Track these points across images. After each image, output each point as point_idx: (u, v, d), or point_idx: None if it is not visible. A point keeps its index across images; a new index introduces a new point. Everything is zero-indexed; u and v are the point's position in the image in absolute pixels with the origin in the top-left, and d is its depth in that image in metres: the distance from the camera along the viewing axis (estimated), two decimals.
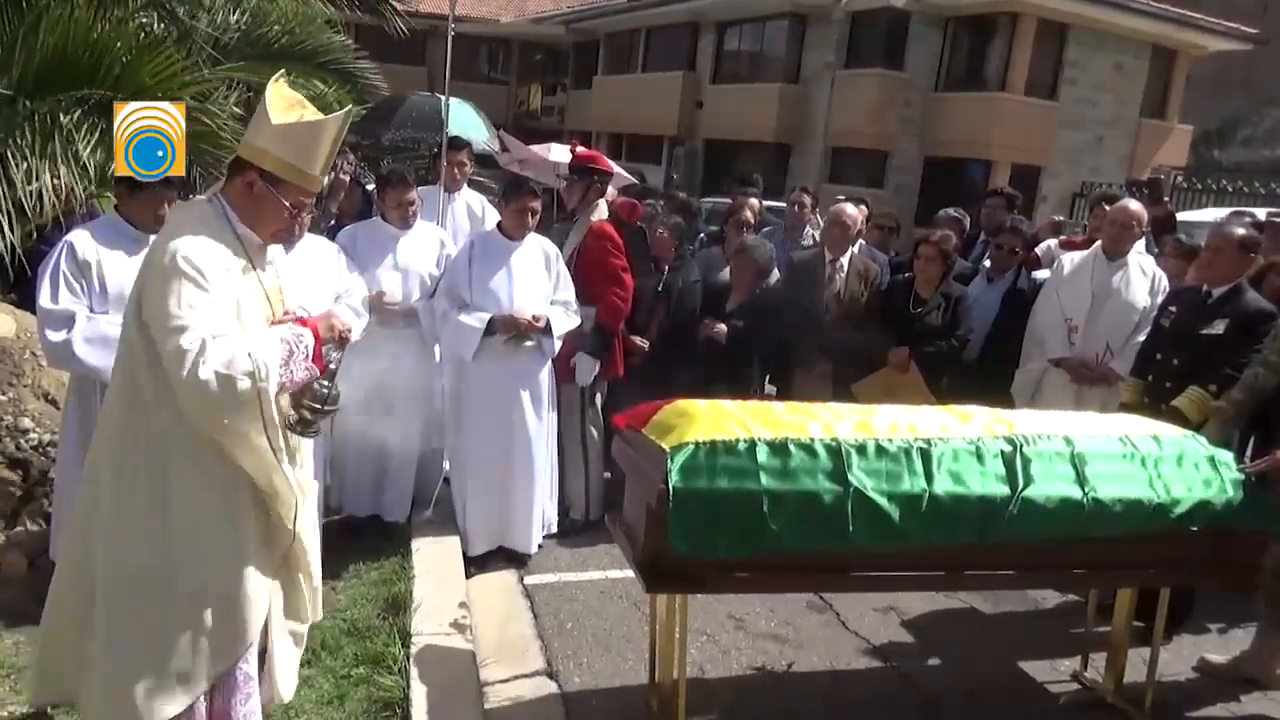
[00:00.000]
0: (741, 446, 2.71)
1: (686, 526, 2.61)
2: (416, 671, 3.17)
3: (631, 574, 2.88)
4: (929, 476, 2.78)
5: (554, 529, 4.49)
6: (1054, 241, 5.81)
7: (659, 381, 4.40)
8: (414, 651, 3.29)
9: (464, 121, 5.12)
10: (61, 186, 4.17)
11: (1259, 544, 3.17)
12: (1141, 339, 4.32)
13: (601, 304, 4.43)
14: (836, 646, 3.77)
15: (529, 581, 4.17)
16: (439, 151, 5.05)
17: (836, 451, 2.75)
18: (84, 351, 3.26)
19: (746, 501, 2.65)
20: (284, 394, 2.28)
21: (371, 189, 5.15)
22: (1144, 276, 4.61)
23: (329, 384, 2.37)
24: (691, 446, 2.68)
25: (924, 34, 18.75)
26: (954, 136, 18.38)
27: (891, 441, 2.82)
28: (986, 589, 3.97)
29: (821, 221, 5.91)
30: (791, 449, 2.74)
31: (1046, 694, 3.55)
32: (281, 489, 2.34)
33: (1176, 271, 4.82)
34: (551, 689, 3.35)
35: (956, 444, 2.87)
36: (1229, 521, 3.00)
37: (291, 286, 2.57)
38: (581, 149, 4.74)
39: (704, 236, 6.44)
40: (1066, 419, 3.24)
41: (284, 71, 2.44)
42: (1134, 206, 4.75)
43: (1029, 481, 2.82)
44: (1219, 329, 3.78)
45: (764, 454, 2.70)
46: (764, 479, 2.67)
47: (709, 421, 2.78)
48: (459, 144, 5.36)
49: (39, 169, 4.06)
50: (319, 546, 2.67)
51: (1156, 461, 3.00)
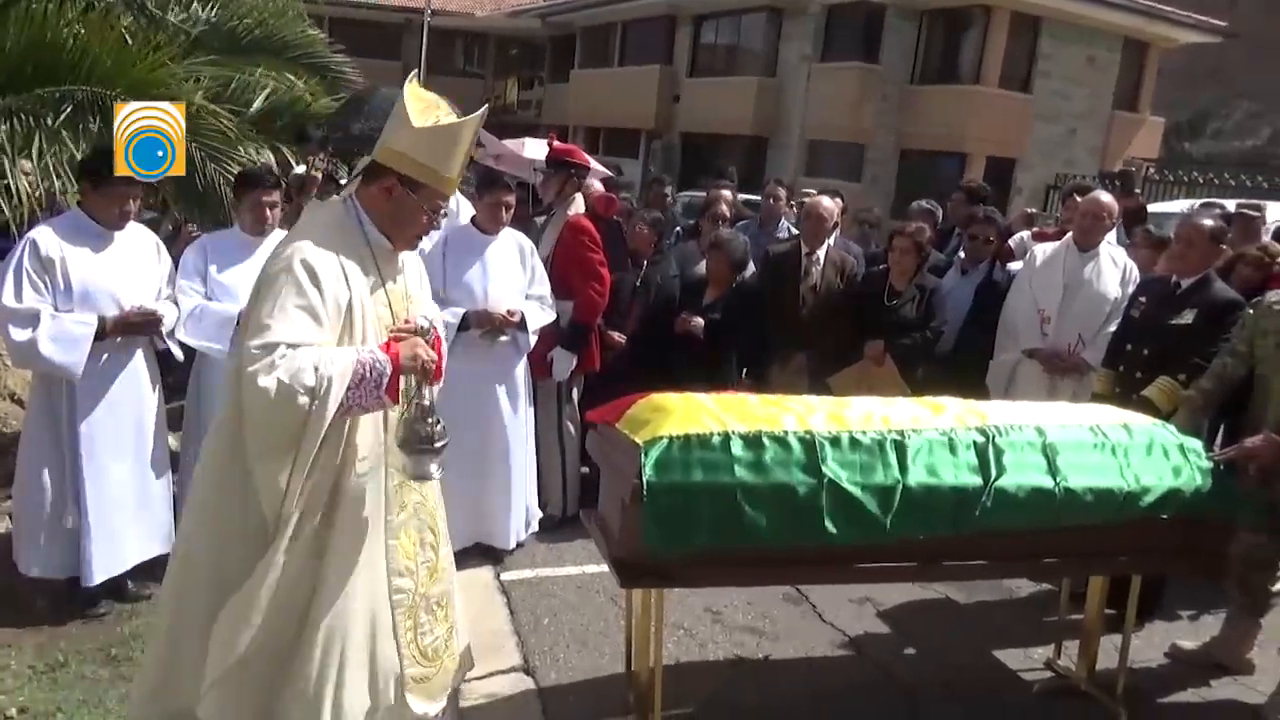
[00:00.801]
0: (715, 440, 2.71)
1: (661, 520, 2.60)
2: None
3: (608, 569, 2.88)
4: (902, 468, 2.79)
5: (536, 526, 4.47)
6: (1027, 233, 5.85)
7: (636, 376, 4.39)
8: None
9: None
10: (37, 182, 4.10)
11: (1227, 531, 3.21)
12: (1113, 329, 4.35)
13: (578, 299, 4.41)
14: (813, 638, 3.78)
15: (505, 578, 4.15)
16: None
17: (810, 444, 2.75)
18: (49, 350, 3.21)
19: (721, 495, 2.65)
20: (350, 416, 2.16)
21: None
22: (1115, 267, 4.64)
23: (430, 420, 2.23)
24: (665, 440, 2.67)
25: (899, 27, 18.83)
26: (929, 129, 18.48)
27: (865, 433, 2.83)
28: (960, 579, 3.99)
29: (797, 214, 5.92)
30: (765, 442, 2.73)
31: (1021, 682, 3.58)
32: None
33: (1147, 262, 4.85)
34: (528, 685, 3.34)
35: (929, 435, 2.88)
36: (1198, 509, 3.03)
37: (420, 296, 2.51)
38: (558, 143, 4.72)
39: (680, 230, 6.44)
40: (1038, 409, 3.26)
41: (416, 72, 2.39)
42: (1105, 198, 4.79)
43: (1001, 472, 2.83)
44: (1188, 319, 3.82)
45: (738, 447, 2.70)
46: (738, 472, 2.67)
47: (683, 415, 2.77)
48: None
49: (15, 164, 3.99)
50: None
51: (1127, 451, 3.01)
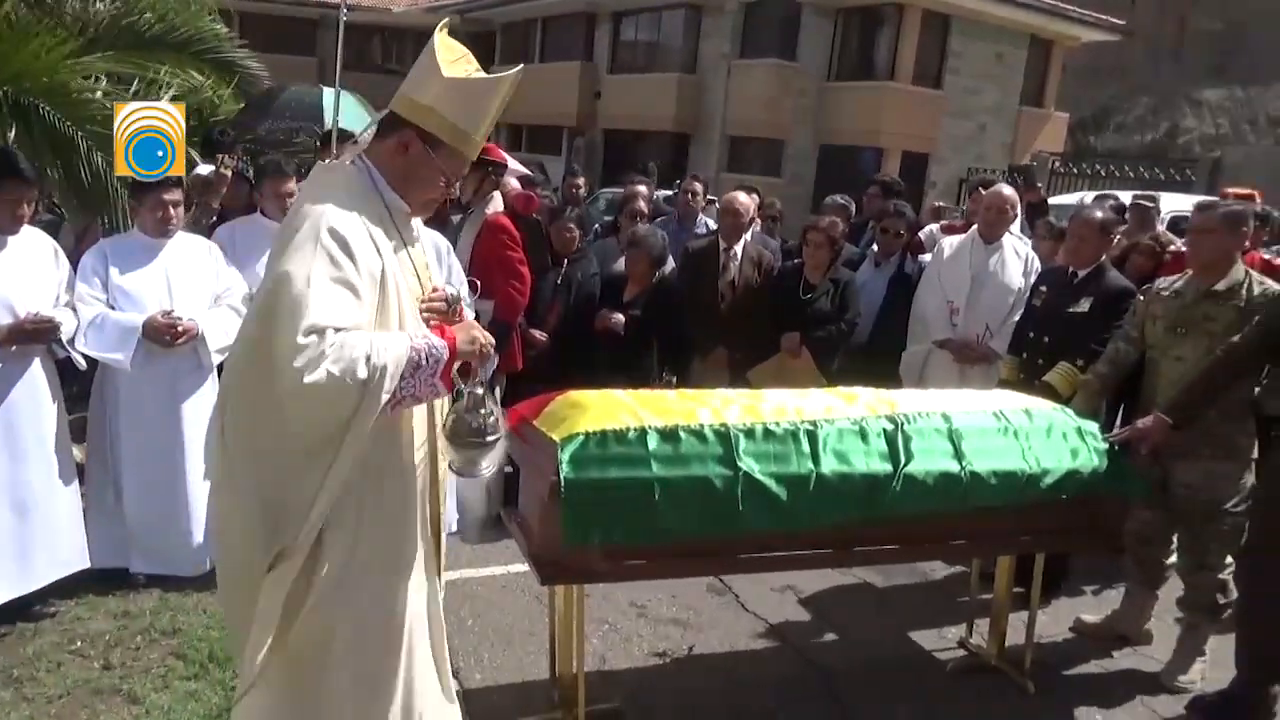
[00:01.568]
0: (632, 435, 2.73)
1: (579, 517, 2.61)
2: None
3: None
4: (815, 457, 2.84)
5: (454, 527, 4.43)
6: (935, 226, 6.03)
7: (558, 374, 4.39)
8: None
9: (346, 113, 4.98)
10: None
11: (1123, 509, 3.37)
12: (1017, 318, 4.52)
13: (499, 298, 4.39)
14: (736, 628, 3.84)
15: None
16: (321, 144, 4.93)
17: (725, 436, 2.79)
18: None
19: (639, 489, 2.67)
20: (399, 408, 1.95)
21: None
22: (1018, 258, 4.82)
23: (487, 411, 2.08)
24: (582, 437, 2.68)
25: (816, 25, 19.16)
26: (847, 125, 18.84)
27: (779, 424, 2.88)
28: (875, 563, 4.09)
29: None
30: (682, 435, 2.76)
31: (935, 662, 3.70)
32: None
33: (1050, 253, 5.05)
34: (453, 686, 3.32)
35: (841, 424, 2.94)
36: (1096, 489, 3.16)
37: (434, 263, 2.31)
38: None
39: (599, 227, 6.46)
40: (945, 397, 3.36)
41: (448, 20, 2.12)
42: (1007, 192, 4.96)
43: (910, 458, 2.91)
44: (1084, 307, 3.98)
45: (654, 441, 2.72)
46: (655, 466, 2.69)
47: (599, 411, 2.79)
48: (345, 136, 5.23)
49: None
50: None
51: (1028, 435, 3.13)
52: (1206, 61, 35.50)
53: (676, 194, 6.61)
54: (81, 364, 3.56)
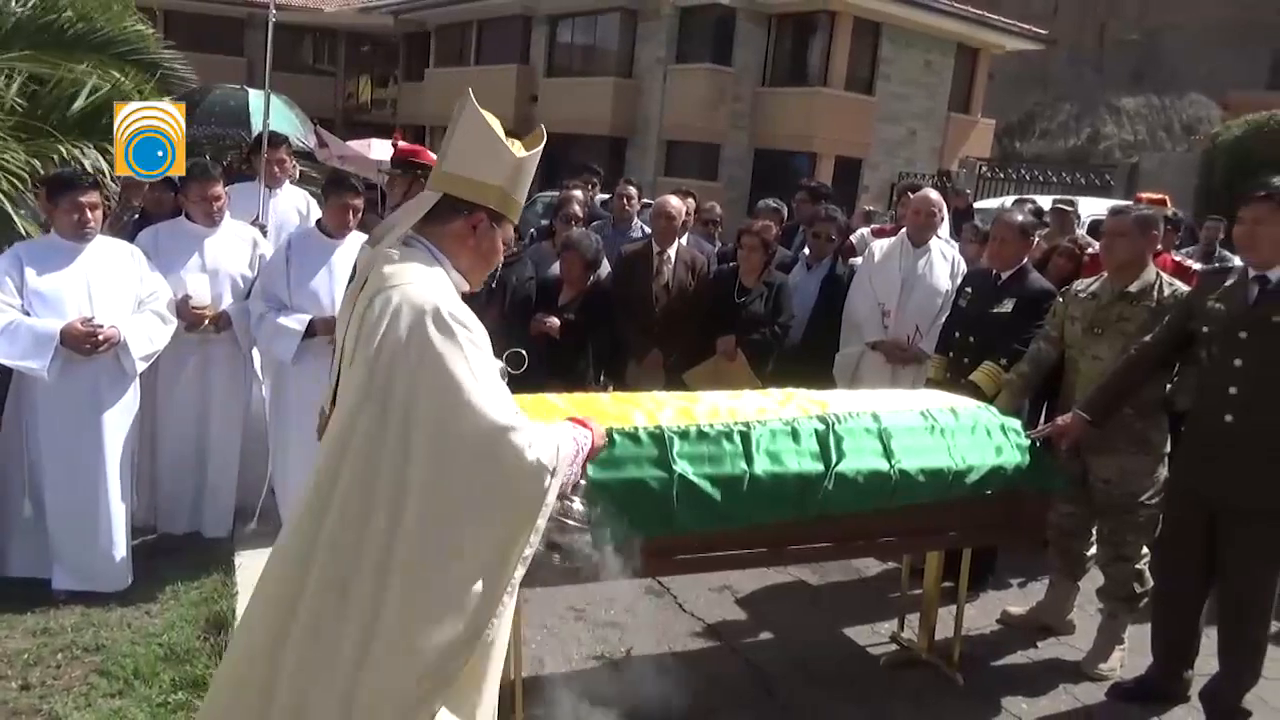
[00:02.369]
0: None
1: None
2: None
3: None
4: (748, 458, 2.88)
5: None
6: (866, 230, 6.16)
7: None
8: None
9: (274, 116, 4.89)
10: None
11: (1045, 503, 3.49)
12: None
13: None
14: (674, 629, 3.87)
15: None
16: (248, 147, 4.83)
17: (660, 438, 2.81)
18: None
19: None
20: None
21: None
22: (945, 261, 4.94)
23: (584, 499, 2.09)
24: None
25: (750, 31, 19.37)
26: (781, 130, 19.09)
27: (712, 426, 2.91)
28: (808, 562, 4.14)
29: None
30: (616, 438, 2.77)
31: (868, 657, 3.77)
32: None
33: (976, 255, 5.19)
34: None
35: (774, 425, 2.98)
36: (1019, 484, 3.26)
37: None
38: (404, 143, 4.63)
39: (535, 231, 6.44)
40: (874, 397, 3.43)
41: (469, 90, 2.07)
42: (934, 196, 5.08)
43: (841, 457, 2.96)
44: (1007, 308, 4.11)
45: None
46: (590, 469, 2.69)
47: (533, 416, 2.77)
48: (277, 139, 5.14)
49: None
50: None
51: (954, 433, 3.21)
52: (1125, 70, 36.83)
53: (611, 198, 6.61)
54: None
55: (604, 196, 7.67)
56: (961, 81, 21.36)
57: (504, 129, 2.05)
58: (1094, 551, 3.90)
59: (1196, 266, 5.13)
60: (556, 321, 4.68)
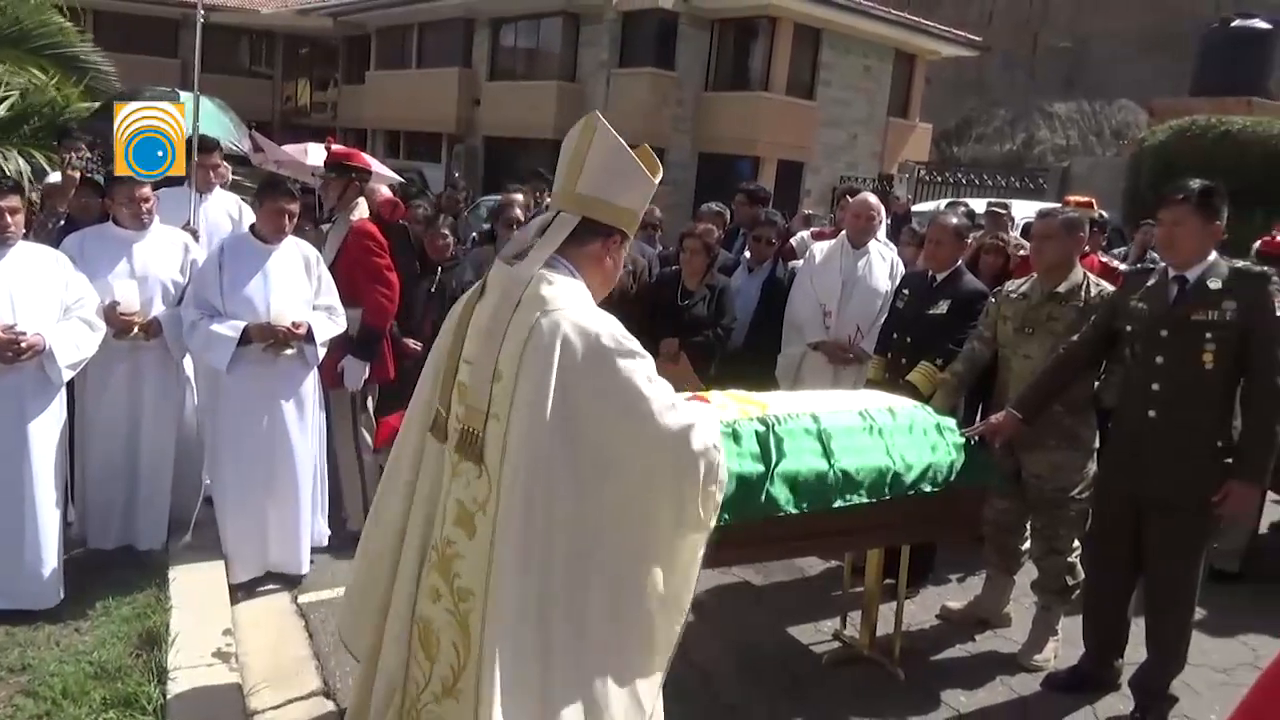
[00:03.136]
0: None
1: None
2: (175, 709, 2.97)
3: None
4: None
5: (324, 542, 4.31)
6: (806, 233, 6.23)
7: None
8: (172, 688, 3.07)
9: (205, 119, 4.78)
10: None
11: (980, 499, 3.57)
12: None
13: (366, 304, 4.29)
14: None
15: (303, 600, 3.99)
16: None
17: None
18: None
19: None
20: None
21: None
22: (884, 262, 5.03)
23: None
24: None
25: (692, 35, 19.48)
26: (724, 134, 19.23)
27: None
28: (752, 562, 4.19)
29: None
30: None
31: (811, 654, 3.81)
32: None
33: (913, 258, 5.29)
34: (328, 708, 3.23)
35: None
36: (955, 481, 3.33)
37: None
38: (337, 146, 4.56)
39: (477, 235, 6.39)
40: (814, 398, 3.48)
41: (596, 112, 2.10)
42: (872, 199, 5.17)
43: (781, 458, 2.99)
44: (943, 309, 4.19)
45: None
46: None
47: None
48: (209, 144, 5.03)
49: None
50: None
51: (892, 432, 3.27)
52: (1057, 77, 37.86)
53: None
54: None
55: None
56: (900, 87, 21.75)
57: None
58: (1028, 546, 4.00)
59: (1122, 267, 5.28)
60: None
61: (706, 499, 2.09)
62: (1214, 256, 3.19)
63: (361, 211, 4.42)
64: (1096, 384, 3.77)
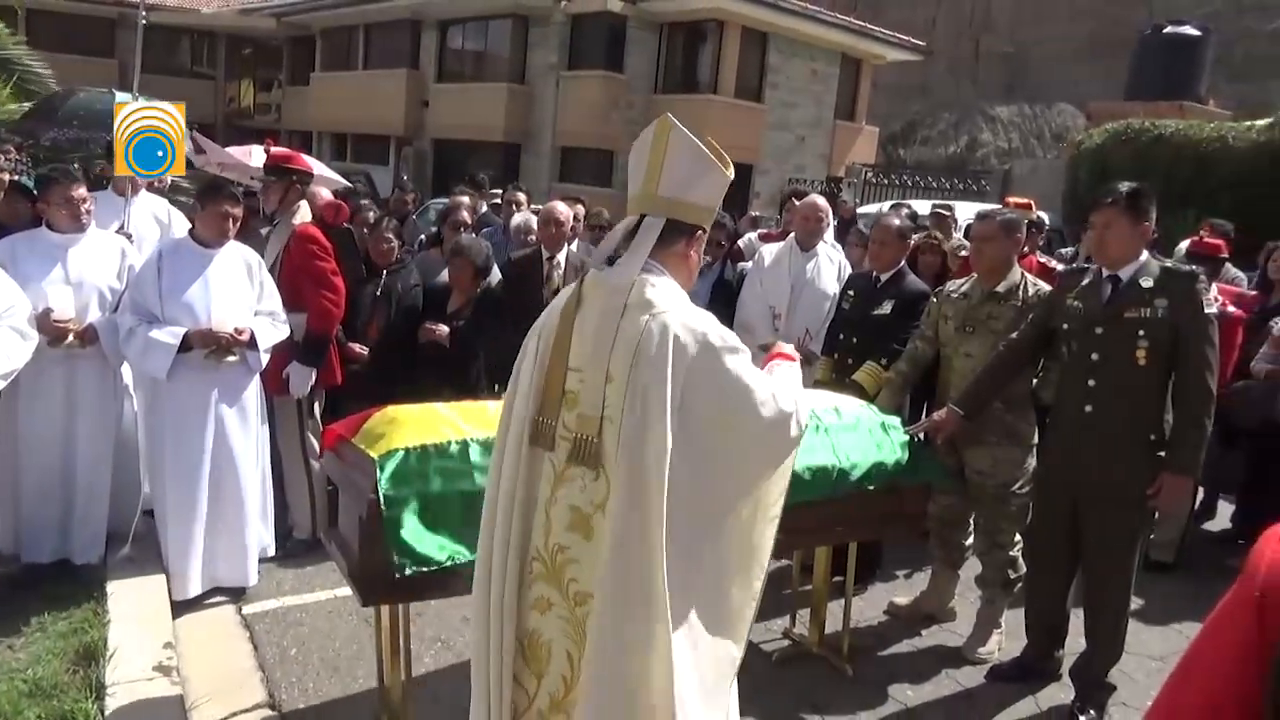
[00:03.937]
0: (454, 448, 2.71)
1: (401, 534, 2.56)
2: None
3: None
4: None
5: (269, 552, 4.24)
6: (754, 235, 6.28)
7: (383, 389, 4.28)
8: (110, 704, 3.00)
9: None
10: None
11: (925, 496, 3.62)
12: None
13: (311, 309, 4.23)
14: None
15: (247, 611, 3.91)
16: (109, 152, 4.60)
17: None
18: None
19: (463, 503, 2.65)
20: None
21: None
22: (831, 264, 5.09)
23: None
24: (401, 453, 2.64)
25: (641, 38, 19.55)
26: None
27: None
28: None
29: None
30: None
31: (762, 653, 3.83)
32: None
33: (860, 259, 5.36)
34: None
35: None
36: (900, 479, 3.38)
37: None
38: (276, 148, 4.49)
39: (425, 238, 6.34)
40: None
41: (669, 115, 2.10)
42: (820, 202, 5.23)
43: None
44: (887, 309, 4.26)
45: (477, 453, 2.71)
46: (478, 478, 2.68)
47: (419, 426, 2.75)
48: None
49: None
50: None
51: (838, 431, 3.30)
52: (998, 81, 38.68)
53: (500, 204, 6.57)
54: None
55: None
56: (847, 90, 22.05)
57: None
58: (972, 541, 4.07)
59: (1060, 268, 5.41)
60: (445, 329, 4.63)
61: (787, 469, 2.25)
62: (1146, 256, 3.28)
63: (304, 215, 4.35)
64: (1035, 381, 3.86)
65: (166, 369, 3.72)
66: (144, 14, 4.72)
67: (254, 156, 5.91)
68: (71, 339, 3.81)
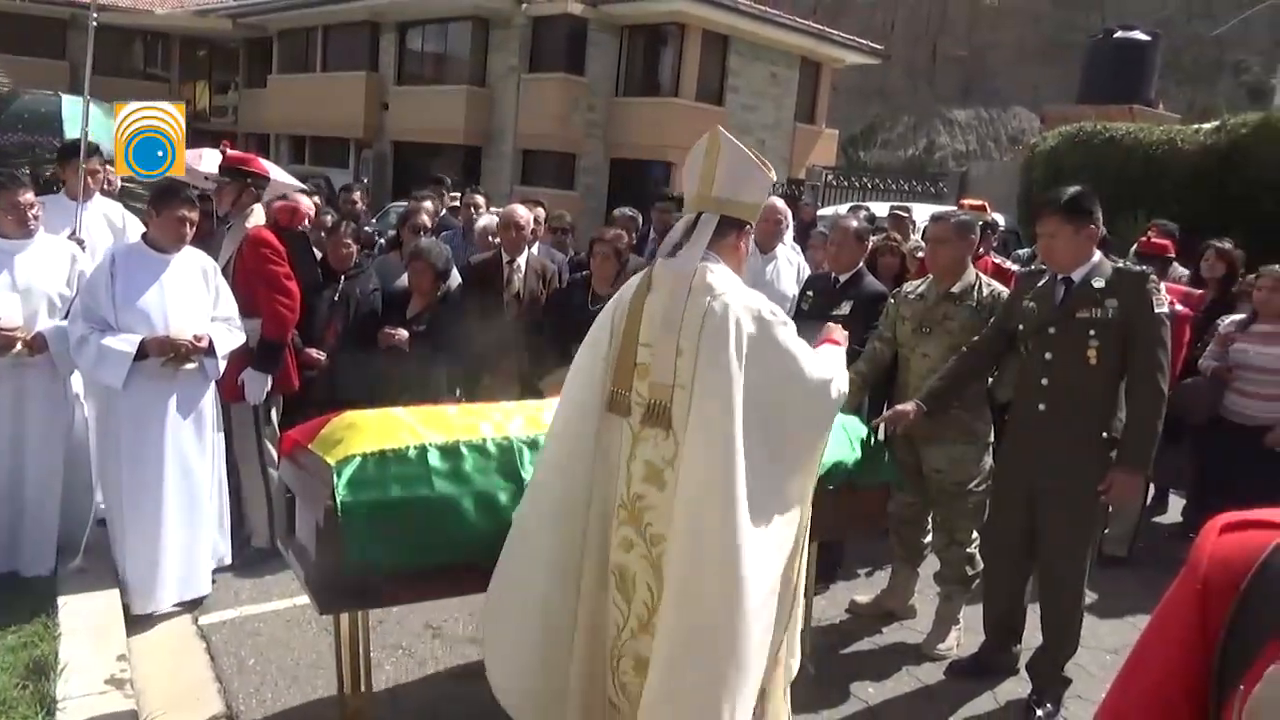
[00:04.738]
0: (412, 454, 2.68)
1: (358, 541, 2.53)
2: None
3: None
4: None
5: (226, 560, 4.16)
6: None
7: (342, 394, 4.24)
8: (61, 719, 2.93)
9: (93, 125, 4.55)
10: None
11: (884, 495, 3.65)
12: None
13: (265, 314, 4.17)
14: None
15: (204, 621, 3.85)
16: (60, 156, 4.51)
17: (509, 449, 2.80)
18: None
19: (421, 508, 2.63)
20: None
21: None
22: (790, 266, 5.13)
23: None
24: (359, 458, 2.61)
25: (602, 41, 19.55)
26: (635, 139, 19.34)
27: None
28: None
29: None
30: (464, 451, 2.74)
31: None
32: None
33: (821, 262, 5.40)
34: None
35: None
36: (859, 478, 3.41)
37: None
38: (232, 151, 4.42)
39: (385, 242, 6.29)
40: None
41: (719, 127, 2.47)
42: (779, 204, 5.27)
43: None
44: (846, 310, 4.29)
45: (436, 458, 2.69)
46: (437, 484, 2.66)
47: (377, 431, 2.72)
48: (90, 148, 4.81)
49: None
50: None
51: None
52: (956, 84, 39.25)
53: (460, 207, 6.54)
54: None
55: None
56: (806, 93, 22.22)
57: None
58: (930, 539, 4.12)
59: (1015, 268, 5.50)
60: (405, 334, 4.59)
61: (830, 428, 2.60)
62: (1098, 257, 3.35)
63: (257, 218, 4.29)
64: (990, 380, 3.91)
65: (123, 378, 3.63)
66: (95, 15, 4.60)
67: (203, 161, 5.81)
68: (19, 347, 3.72)
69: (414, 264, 4.69)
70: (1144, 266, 3.61)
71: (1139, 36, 18.13)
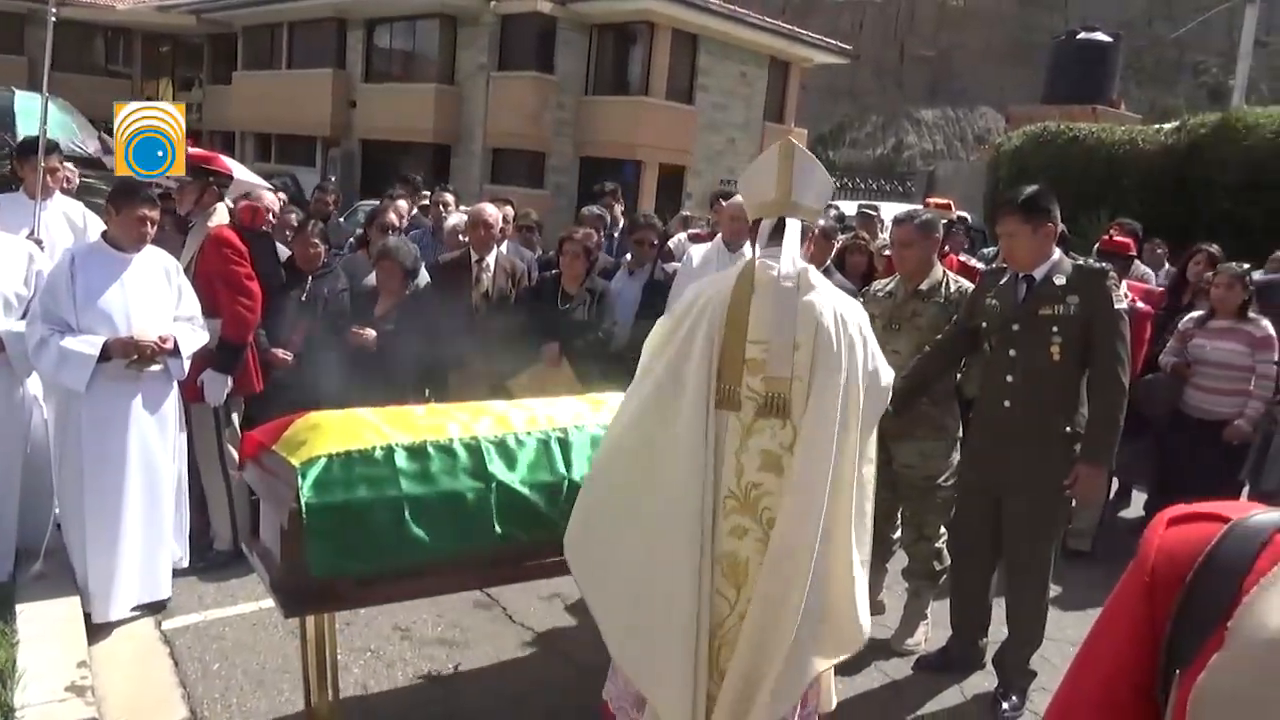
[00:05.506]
0: (378, 454, 2.67)
1: (325, 543, 2.52)
2: None
3: None
4: (567, 464, 2.91)
5: (183, 563, 4.09)
6: (683, 235, 6.32)
7: (309, 394, 4.19)
8: None
9: (49, 120, 4.47)
10: None
11: None
12: None
13: (225, 315, 4.11)
14: (503, 640, 3.83)
15: (167, 626, 3.79)
16: (16, 154, 4.42)
17: (476, 449, 2.79)
18: None
19: (388, 510, 2.61)
20: None
21: None
22: None
23: None
24: (324, 459, 2.59)
25: (571, 39, 19.50)
26: (606, 138, 19.32)
27: (530, 434, 2.92)
28: None
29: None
30: (430, 451, 2.73)
31: None
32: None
33: None
34: None
35: (591, 431, 3.02)
36: None
37: None
38: (195, 149, 4.35)
39: (353, 241, 6.23)
40: None
41: (790, 137, 2.53)
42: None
43: None
44: None
45: (402, 459, 2.68)
46: (404, 485, 2.65)
47: (342, 432, 2.70)
48: (49, 145, 4.72)
49: None
50: None
51: None
52: (923, 84, 39.60)
53: (429, 206, 6.49)
54: None
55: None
56: (776, 93, 22.31)
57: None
58: (899, 535, 4.15)
59: (980, 266, 5.56)
60: (373, 333, 4.55)
61: None
62: (1058, 255, 3.39)
63: (220, 218, 4.23)
64: (960, 376, 3.95)
65: (86, 380, 3.56)
66: (54, 10, 4.51)
67: None
68: None
69: (382, 263, 4.64)
70: (1104, 264, 3.66)
71: (1101, 38, 18.41)
